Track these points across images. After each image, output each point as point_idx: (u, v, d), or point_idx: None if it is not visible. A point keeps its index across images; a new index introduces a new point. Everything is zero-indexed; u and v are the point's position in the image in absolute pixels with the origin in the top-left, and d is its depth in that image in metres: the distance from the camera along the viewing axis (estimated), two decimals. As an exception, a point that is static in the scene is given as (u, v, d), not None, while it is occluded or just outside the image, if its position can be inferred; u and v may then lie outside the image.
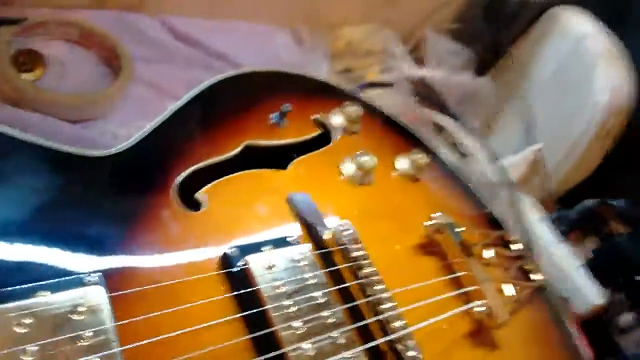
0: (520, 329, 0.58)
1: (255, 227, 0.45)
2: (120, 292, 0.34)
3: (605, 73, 0.91)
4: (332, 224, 0.49)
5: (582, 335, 0.72)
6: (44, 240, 0.35)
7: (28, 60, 0.58)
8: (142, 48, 0.69)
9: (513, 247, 0.65)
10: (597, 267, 0.90)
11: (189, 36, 0.73)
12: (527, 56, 1.00)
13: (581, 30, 0.94)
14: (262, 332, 0.37)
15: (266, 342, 0.37)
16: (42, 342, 0.29)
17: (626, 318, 1.04)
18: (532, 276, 0.63)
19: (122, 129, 0.61)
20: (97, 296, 0.32)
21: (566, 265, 0.87)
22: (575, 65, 0.94)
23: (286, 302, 0.39)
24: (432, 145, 0.73)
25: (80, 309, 0.31)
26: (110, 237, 0.38)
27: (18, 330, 0.28)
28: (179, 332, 0.34)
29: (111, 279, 0.35)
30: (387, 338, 0.42)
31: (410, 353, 0.42)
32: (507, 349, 0.54)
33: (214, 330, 0.37)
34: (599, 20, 0.96)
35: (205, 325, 0.36)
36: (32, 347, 0.28)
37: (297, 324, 0.38)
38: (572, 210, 0.91)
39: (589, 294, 0.86)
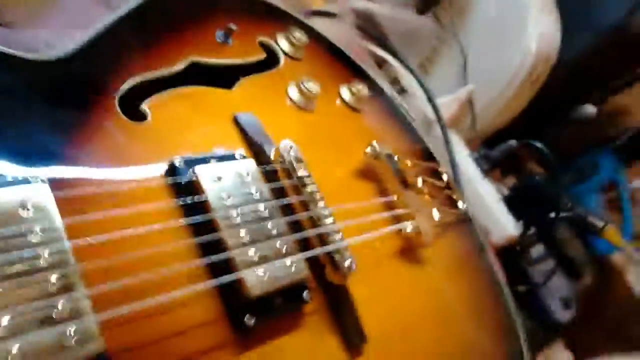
0: (445, 252, 0.63)
1: (200, 142, 0.46)
2: (66, 192, 0.34)
3: (537, 21, 0.96)
4: (277, 143, 0.50)
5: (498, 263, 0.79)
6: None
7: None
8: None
9: (443, 177, 0.69)
10: (514, 203, 0.99)
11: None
12: (467, 0, 1.02)
13: (519, -23, 0.97)
14: (209, 238, 0.38)
15: (213, 247, 0.39)
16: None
17: (537, 250, 1.16)
18: (459, 204, 0.69)
19: (56, 39, 0.57)
20: (43, 194, 0.32)
21: (487, 199, 0.95)
22: (511, 12, 0.98)
23: (232, 212, 0.40)
24: (374, 77, 0.75)
25: (28, 205, 0.31)
26: (53, 144, 0.37)
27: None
28: (125, 232, 0.35)
29: (55, 183, 0.34)
30: (326, 248, 0.45)
31: (347, 262, 0.45)
32: (432, 267, 0.59)
33: (161, 235, 0.38)
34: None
35: (151, 228, 0.37)
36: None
37: (242, 232, 0.40)
38: (495, 149, 0.98)
39: (506, 225, 0.94)
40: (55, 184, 0.34)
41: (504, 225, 0.95)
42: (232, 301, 0.38)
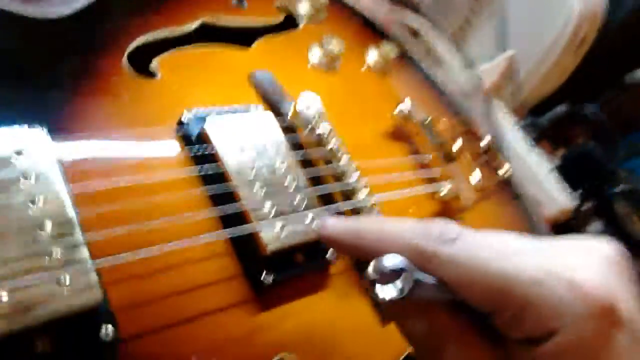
0: (486, 219, 0.59)
1: (214, 99, 0.43)
2: (67, 139, 0.32)
3: (580, -22, 0.89)
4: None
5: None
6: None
7: None
8: None
9: (482, 141, 0.64)
10: (567, 173, 0.92)
11: None
12: (503, -39, 0.96)
13: None
14: (220, 190, 0.36)
15: (226, 200, 0.36)
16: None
17: (595, 227, 1.07)
18: (502, 169, 0.63)
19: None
20: (39, 138, 0.30)
21: (537, 171, 0.88)
22: (551, -31, 0.91)
23: (245, 165, 0.38)
24: (403, 42, 0.70)
25: (25, 149, 0.29)
26: (59, 97, 0.35)
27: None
28: (130, 179, 0.32)
29: (59, 131, 0.33)
30: (351, 203, 0.41)
31: (375, 219, 0.41)
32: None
33: (172, 185, 0.35)
34: None
35: (160, 176, 0.34)
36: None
37: (256, 186, 0.37)
38: (544, 118, 0.91)
39: (559, 197, 0.87)
40: (58, 133, 0.32)
41: (556, 196, 0.88)
42: (247, 258, 0.35)
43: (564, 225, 1.00)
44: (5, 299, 0.25)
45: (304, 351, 0.35)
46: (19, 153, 0.29)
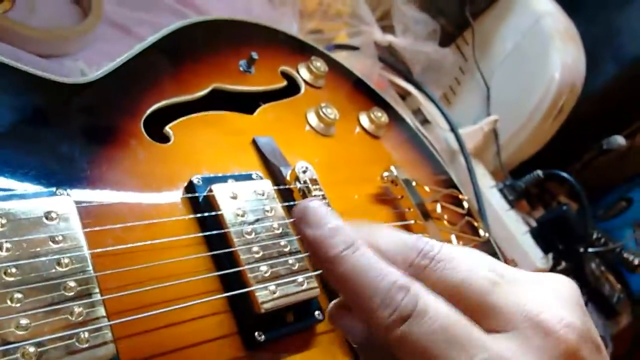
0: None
1: (219, 164, 0.47)
2: (89, 205, 0.36)
3: (560, 51, 0.96)
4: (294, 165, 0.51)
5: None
6: (19, 154, 0.36)
7: (-4, -9, 0.58)
8: (111, -10, 0.69)
9: (464, 204, 0.69)
10: (543, 235, 0.97)
11: (160, -18, 0.73)
12: (489, 31, 1.04)
13: (541, 8, 0.98)
14: (222, 251, 0.39)
15: (226, 261, 0.40)
16: (17, 239, 0.30)
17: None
18: (481, 232, 0.68)
19: (89, 68, 0.61)
20: (67, 206, 0.34)
21: (513, 231, 0.93)
22: (533, 42, 0.99)
23: (247, 228, 0.41)
24: (393, 106, 0.76)
25: (52, 215, 0.32)
26: (81, 158, 0.39)
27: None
28: (142, 244, 0.36)
29: (80, 194, 0.36)
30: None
31: (360, 283, 0.45)
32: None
33: (177, 247, 0.39)
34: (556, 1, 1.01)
35: (168, 239, 0.38)
36: (7, 244, 0.30)
37: (255, 248, 0.41)
38: (522, 180, 0.96)
39: (534, 258, 0.92)
40: (79, 198, 0.36)
41: (531, 257, 0.93)
42: (243, 316, 0.39)
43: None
44: (32, 350, 0.28)
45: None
46: (48, 216, 0.33)
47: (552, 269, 1.00)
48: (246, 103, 0.57)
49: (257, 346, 0.38)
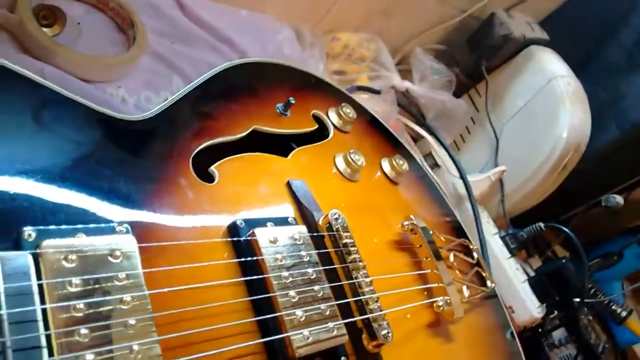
0: (471, 328, 0.65)
1: (258, 204, 0.50)
2: (147, 244, 0.38)
3: (569, 112, 1.01)
4: (325, 211, 0.53)
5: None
6: (80, 188, 0.38)
7: (49, 15, 0.60)
8: (154, 21, 0.71)
9: (474, 254, 0.72)
10: (539, 284, 0.99)
11: (200, 17, 0.76)
12: (502, 85, 1.08)
13: (554, 69, 1.03)
14: (262, 296, 0.42)
15: (265, 305, 0.42)
16: (85, 276, 0.32)
17: (559, 334, 1.15)
18: (487, 283, 0.71)
19: (130, 96, 0.63)
20: (129, 244, 0.36)
21: (513, 278, 0.96)
22: (544, 101, 1.03)
23: (284, 273, 0.44)
24: (411, 152, 0.79)
25: (117, 252, 0.34)
26: (136, 194, 0.41)
27: (66, 265, 0.32)
28: (191, 287, 0.38)
29: (137, 231, 0.38)
30: (365, 316, 0.47)
31: (384, 332, 0.47)
32: (458, 342, 0.61)
33: (219, 290, 0.41)
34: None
35: (212, 283, 0.40)
36: (76, 280, 0.32)
37: (292, 293, 0.43)
38: (524, 231, 1.00)
39: (530, 307, 0.95)
40: (137, 233, 0.38)
41: (528, 306, 0.96)
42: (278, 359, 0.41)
43: (531, 332, 1.07)
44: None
45: None
46: (112, 254, 0.35)
47: (545, 317, 1.03)
48: (281, 144, 0.59)
49: (291, 389, 0.40)
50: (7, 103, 0.39)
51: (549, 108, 1.01)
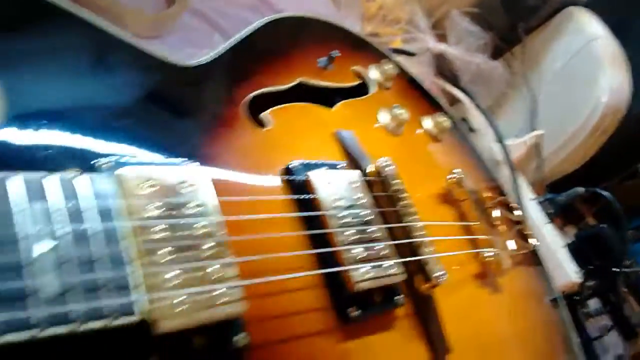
0: (513, 284, 0.65)
1: (310, 151, 0.50)
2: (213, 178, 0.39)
3: (609, 74, 0.99)
4: (372, 160, 0.54)
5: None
6: (146, 127, 0.39)
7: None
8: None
9: (515, 212, 0.71)
10: (577, 251, 0.98)
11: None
12: (539, 48, 1.06)
13: (593, 31, 1.01)
14: (320, 232, 0.42)
15: (322, 241, 0.42)
16: (166, 200, 0.33)
17: (595, 303, 1.14)
18: (530, 240, 0.70)
19: (172, 52, 0.64)
20: (201, 175, 0.36)
21: (551, 243, 0.95)
22: (583, 63, 1.01)
23: (340, 213, 0.44)
24: (452, 113, 0.78)
25: (190, 182, 0.35)
26: (198, 136, 0.42)
27: (144, 190, 0.33)
28: (256, 217, 0.39)
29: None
30: (420, 257, 0.48)
31: (437, 273, 0.48)
32: (504, 295, 0.61)
33: (278, 224, 0.42)
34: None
35: (272, 216, 0.41)
36: (157, 203, 0.33)
37: (348, 231, 0.44)
38: (562, 195, 0.98)
39: (569, 271, 0.94)
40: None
41: (566, 270, 0.95)
42: (338, 293, 0.42)
43: (568, 298, 1.06)
44: (179, 299, 0.31)
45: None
46: (182, 183, 0.35)
47: (582, 285, 1.01)
48: (324, 97, 0.60)
49: (350, 321, 0.41)
50: (72, 45, 0.40)
51: (587, 71, 0.99)
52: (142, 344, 0.30)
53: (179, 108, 0.44)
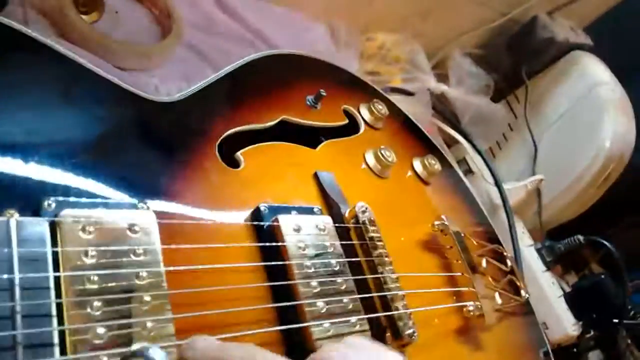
0: (502, 340, 0.62)
1: (284, 193, 0.49)
2: (167, 221, 0.37)
3: (612, 120, 0.96)
4: (352, 204, 0.52)
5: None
6: (104, 165, 0.38)
7: (88, 2, 0.61)
8: (190, 14, 0.72)
9: (507, 262, 0.68)
10: (576, 301, 0.95)
11: (235, 11, 0.76)
12: (543, 91, 1.04)
13: (597, 76, 0.99)
14: (282, 283, 0.40)
15: (284, 293, 0.40)
16: (102, 248, 0.31)
17: (595, 356, 1.09)
18: (522, 292, 0.67)
19: (163, 85, 0.63)
20: (148, 220, 0.35)
21: (548, 293, 0.92)
22: (587, 109, 0.99)
23: (307, 262, 0.42)
24: (444, 155, 0.76)
25: (136, 227, 0.34)
26: (160, 174, 0.41)
27: (83, 235, 0.31)
28: (209, 266, 0.37)
29: (158, 209, 0.38)
30: (391, 313, 0.45)
31: (409, 331, 0.45)
32: (488, 353, 0.58)
33: (239, 273, 0.40)
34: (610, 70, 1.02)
35: (232, 265, 0.39)
36: (93, 251, 0.31)
37: (314, 283, 0.41)
38: (561, 243, 0.95)
39: (565, 323, 0.90)
40: (158, 213, 0.37)
41: (563, 322, 0.91)
42: (295, 350, 0.39)
43: (565, 350, 1.02)
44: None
45: None
46: (131, 228, 0.34)
47: (581, 337, 0.97)
48: (309, 136, 0.58)
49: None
50: (37, 76, 0.39)
51: (591, 116, 0.96)
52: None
53: (148, 144, 0.43)
